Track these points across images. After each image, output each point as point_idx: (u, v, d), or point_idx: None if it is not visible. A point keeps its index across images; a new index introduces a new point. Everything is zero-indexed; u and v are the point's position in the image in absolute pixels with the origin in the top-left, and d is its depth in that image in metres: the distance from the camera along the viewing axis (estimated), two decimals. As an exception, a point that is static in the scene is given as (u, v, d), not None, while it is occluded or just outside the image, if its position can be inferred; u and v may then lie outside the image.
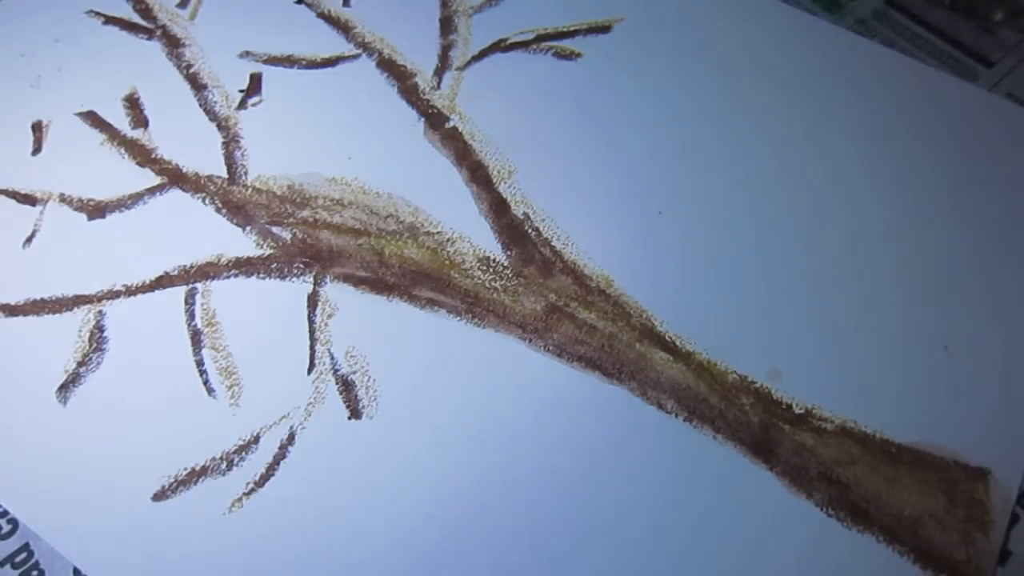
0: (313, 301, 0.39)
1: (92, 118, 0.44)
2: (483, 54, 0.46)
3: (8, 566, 0.33)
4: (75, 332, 0.38)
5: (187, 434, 0.35)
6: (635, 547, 0.34)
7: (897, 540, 0.34)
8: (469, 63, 0.46)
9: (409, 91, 0.45)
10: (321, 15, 0.48)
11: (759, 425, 0.36)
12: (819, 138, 0.44)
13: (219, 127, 0.44)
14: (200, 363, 0.37)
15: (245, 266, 0.40)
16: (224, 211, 0.41)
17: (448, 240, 0.41)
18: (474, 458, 0.35)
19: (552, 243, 0.40)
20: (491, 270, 0.40)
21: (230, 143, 0.43)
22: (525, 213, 0.41)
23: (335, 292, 0.39)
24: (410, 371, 0.37)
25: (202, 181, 0.42)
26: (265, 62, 0.46)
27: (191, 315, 0.38)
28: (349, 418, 0.36)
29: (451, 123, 0.44)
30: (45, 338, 0.37)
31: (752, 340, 0.38)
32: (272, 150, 0.43)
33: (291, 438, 0.36)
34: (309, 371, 0.37)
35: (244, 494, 0.34)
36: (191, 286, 0.39)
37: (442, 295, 0.39)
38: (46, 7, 0.48)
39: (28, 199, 0.41)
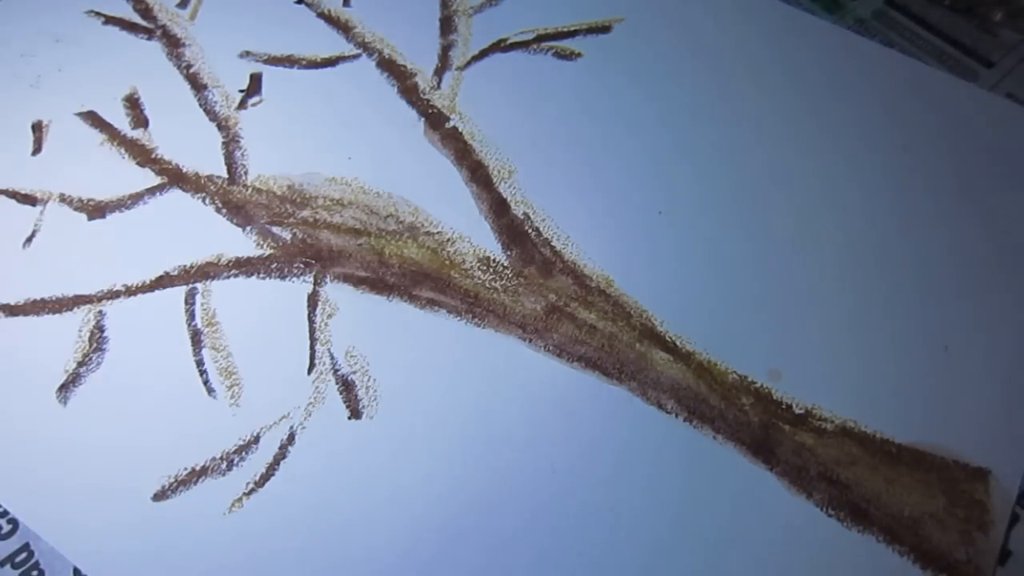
0: (313, 301, 0.39)
1: (92, 118, 0.44)
2: (483, 54, 0.46)
3: (8, 566, 0.33)
4: (75, 332, 0.38)
5: (187, 434, 0.35)
6: (634, 547, 0.34)
7: (897, 540, 0.34)
8: (469, 63, 0.46)
9: (409, 91, 0.45)
10: (321, 15, 0.48)
11: (759, 425, 0.36)
12: (819, 138, 0.44)
13: (219, 127, 0.44)
14: (200, 363, 0.37)
15: (245, 266, 0.40)
16: (224, 211, 0.41)
17: (448, 240, 0.41)
18: (474, 458, 0.35)
19: (552, 243, 0.40)
20: (491, 270, 0.40)
21: (230, 143, 0.43)
22: (525, 213, 0.41)
23: (335, 292, 0.39)
24: (410, 371, 0.37)
25: (202, 181, 0.42)
26: (265, 62, 0.46)
27: (191, 315, 0.38)
28: (349, 418, 0.36)
29: (451, 123, 0.44)
30: (45, 338, 0.37)
31: (752, 340, 0.38)
32: (272, 150, 0.43)
33: (291, 438, 0.36)
34: (309, 371, 0.37)
35: (244, 494, 0.34)
36: (191, 286, 0.39)
37: (442, 295, 0.39)
38: (46, 7, 0.48)
39: (28, 199, 0.41)
